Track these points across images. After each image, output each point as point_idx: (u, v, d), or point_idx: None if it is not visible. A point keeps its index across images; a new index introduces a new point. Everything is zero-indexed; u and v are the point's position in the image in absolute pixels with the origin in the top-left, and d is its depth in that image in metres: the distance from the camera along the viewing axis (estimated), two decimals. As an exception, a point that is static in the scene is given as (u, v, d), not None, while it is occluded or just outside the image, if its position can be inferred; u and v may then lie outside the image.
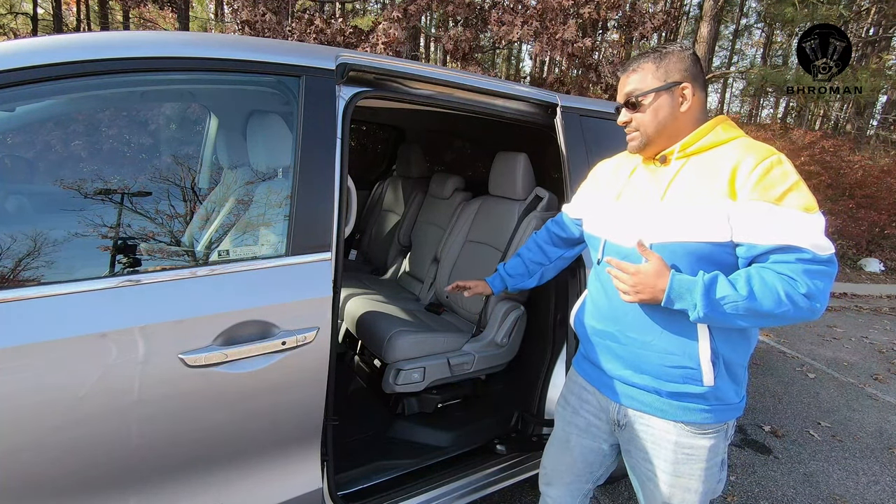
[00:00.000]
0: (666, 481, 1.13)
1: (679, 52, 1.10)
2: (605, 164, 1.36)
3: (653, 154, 1.15)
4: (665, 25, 5.88)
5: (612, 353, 1.17)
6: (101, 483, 1.06)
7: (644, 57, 1.13)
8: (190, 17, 10.92)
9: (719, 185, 1.00)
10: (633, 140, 1.15)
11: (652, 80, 1.10)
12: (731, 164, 1.01)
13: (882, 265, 7.70)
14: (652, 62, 1.11)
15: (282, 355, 1.17)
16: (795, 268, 0.95)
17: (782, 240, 0.94)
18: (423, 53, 12.83)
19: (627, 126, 1.15)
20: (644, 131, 1.12)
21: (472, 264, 2.40)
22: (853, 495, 2.33)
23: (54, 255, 1.05)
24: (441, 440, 1.95)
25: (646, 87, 1.11)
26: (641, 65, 1.12)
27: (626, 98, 1.14)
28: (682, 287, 0.99)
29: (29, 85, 1.00)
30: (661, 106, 1.10)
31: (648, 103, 1.11)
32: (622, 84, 1.16)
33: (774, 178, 0.97)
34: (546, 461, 1.39)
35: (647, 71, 1.11)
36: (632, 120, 1.14)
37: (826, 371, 3.83)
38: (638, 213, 1.12)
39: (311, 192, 1.23)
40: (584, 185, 1.42)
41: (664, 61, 1.10)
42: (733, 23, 18.11)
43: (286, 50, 1.28)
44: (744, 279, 0.96)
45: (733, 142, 1.07)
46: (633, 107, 1.12)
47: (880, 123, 13.32)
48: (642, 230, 1.09)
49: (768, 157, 0.99)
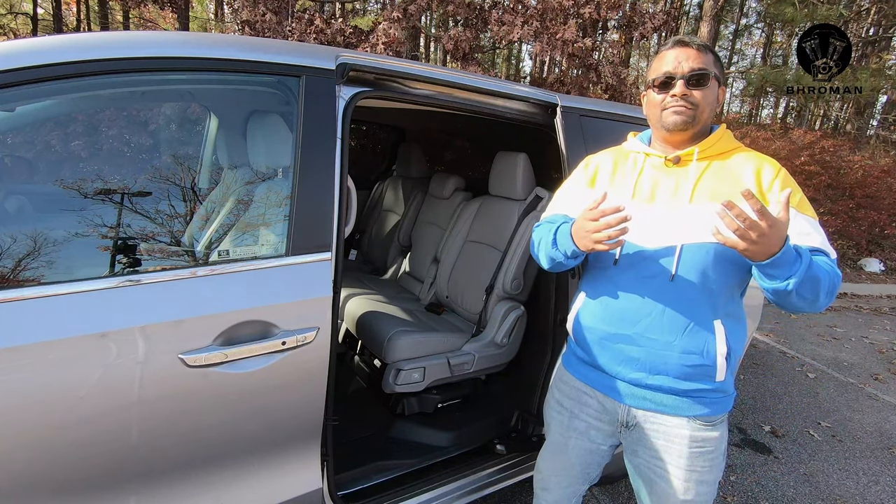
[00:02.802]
0: (681, 477, 1.13)
1: (718, 54, 1.13)
2: (600, 163, 1.28)
3: (678, 142, 1.14)
4: (665, 25, 5.88)
5: (625, 356, 1.14)
6: (101, 483, 1.06)
7: (702, 40, 1.12)
8: (190, 17, 10.91)
9: (747, 187, 1.03)
10: (682, 115, 1.09)
11: (714, 68, 1.10)
12: (753, 169, 1.09)
13: (882, 265, 7.70)
14: (712, 54, 1.11)
15: (282, 355, 1.17)
16: (832, 265, 1.02)
17: (811, 242, 1.03)
18: (423, 53, 12.83)
19: (681, 99, 1.09)
20: (700, 111, 1.09)
21: (472, 264, 2.40)
22: (853, 495, 2.33)
23: (54, 255, 1.05)
24: (441, 440, 1.95)
25: (713, 71, 1.09)
26: (705, 51, 1.10)
27: (693, 71, 1.08)
28: (790, 256, 0.94)
29: (29, 85, 1.00)
30: (713, 96, 1.11)
31: (710, 87, 1.09)
32: (685, 55, 1.09)
33: (791, 185, 1.07)
34: (542, 465, 1.38)
35: (711, 58, 1.10)
36: (690, 95, 1.08)
37: (826, 371, 3.83)
38: (665, 214, 1.11)
39: (311, 192, 1.23)
40: (575, 185, 1.31)
41: (717, 56, 1.12)
42: (733, 23, 18.11)
43: (286, 50, 1.28)
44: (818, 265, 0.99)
45: (739, 148, 1.15)
46: (699, 82, 1.08)
47: (880, 123, 13.32)
48: (672, 232, 1.08)
49: (778, 166, 1.10)
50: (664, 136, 1.16)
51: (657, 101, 1.14)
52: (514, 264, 2.17)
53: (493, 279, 2.23)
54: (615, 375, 1.17)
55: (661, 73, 1.11)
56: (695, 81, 1.08)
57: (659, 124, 1.15)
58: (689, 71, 1.08)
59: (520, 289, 2.20)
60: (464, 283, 2.39)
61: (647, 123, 1.23)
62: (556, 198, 1.35)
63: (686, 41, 1.11)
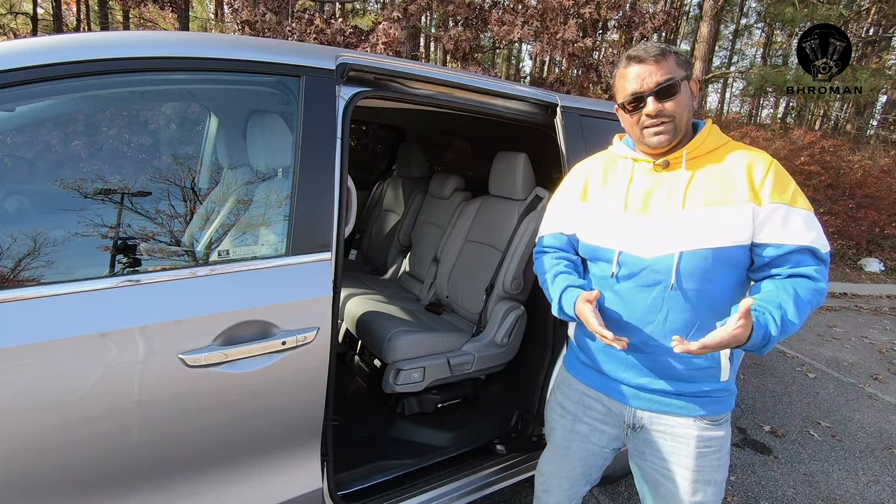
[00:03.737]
0: (689, 478, 1.13)
1: (678, 49, 1.09)
2: (590, 172, 1.26)
3: (663, 152, 1.11)
4: (665, 25, 5.88)
5: (628, 363, 1.14)
6: (101, 483, 1.06)
7: (656, 47, 1.07)
8: (190, 17, 10.91)
9: (739, 189, 1.04)
10: (663, 134, 1.07)
11: (677, 68, 1.05)
12: (744, 167, 1.05)
13: (882, 265, 7.70)
14: (670, 52, 1.06)
15: (282, 355, 1.17)
16: (818, 268, 1.03)
17: (804, 240, 1.01)
18: (423, 53, 12.83)
19: (656, 117, 1.06)
20: (679, 121, 1.06)
21: (472, 264, 2.40)
22: (853, 495, 2.33)
23: (54, 255, 1.05)
24: (441, 440, 1.95)
25: (678, 75, 1.05)
26: (664, 54, 1.05)
27: (659, 85, 1.03)
28: (757, 341, 0.96)
29: (29, 85, 0.99)
30: (686, 97, 1.07)
31: (681, 93, 1.05)
32: (647, 72, 1.04)
33: (783, 180, 1.04)
34: (544, 468, 1.37)
35: (671, 60, 1.05)
36: (664, 109, 1.05)
37: (826, 371, 3.83)
38: (659, 223, 1.09)
39: (311, 192, 1.23)
40: (567, 198, 1.29)
41: (676, 54, 1.07)
42: (733, 23, 18.12)
43: (286, 50, 1.28)
44: (793, 308, 0.98)
45: (728, 145, 1.11)
46: (669, 94, 1.04)
47: (880, 123, 13.31)
48: (669, 240, 1.07)
49: (769, 159, 1.06)
50: (648, 150, 1.14)
51: (633, 121, 1.10)
52: (513, 264, 2.17)
53: (493, 279, 2.23)
54: (620, 380, 1.17)
55: (628, 93, 1.07)
56: (664, 93, 1.04)
57: (642, 142, 1.12)
58: (656, 85, 1.04)
59: (520, 289, 2.20)
60: (464, 283, 2.39)
61: None
62: (550, 212, 1.33)
63: (640, 56, 1.06)
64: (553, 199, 1.35)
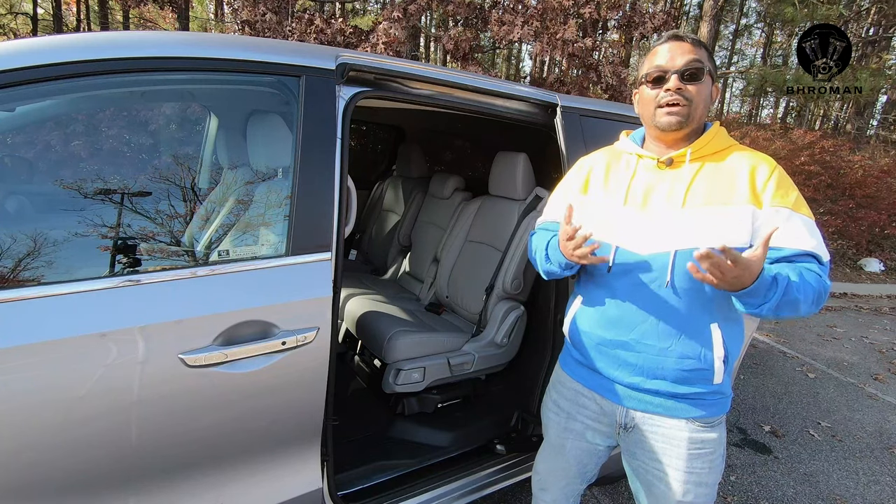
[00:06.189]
0: (679, 479, 1.12)
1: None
2: (593, 165, 1.26)
3: (671, 141, 1.12)
4: (665, 25, 5.87)
5: (622, 362, 1.14)
6: (100, 483, 1.06)
7: (696, 37, 1.09)
8: (190, 17, 10.91)
9: (741, 190, 1.04)
10: (676, 115, 1.06)
11: (708, 63, 1.07)
12: (748, 169, 1.05)
13: (882, 265, 7.70)
14: (705, 49, 1.08)
15: (282, 355, 1.17)
16: (821, 268, 1.02)
17: (806, 245, 1.01)
18: (423, 53, 12.84)
19: (675, 95, 1.05)
20: (695, 107, 1.06)
21: (472, 264, 2.40)
22: (853, 495, 2.33)
23: (54, 255, 1.05)
24: (441, 440, 1.95)
25: (708, 66, 1.07)
26: (701, 44, 1.07)
27: (687, 66, 1.04)
28: (763, 287, 0.95)
29: (29, 85, 1.00)
30: (707, 91, 1.08)
31: (704, 82, 1.06)
32: (679, 49, 1.05)
33: (787, 185, 1.05)
34: (540, 466, 1.38)
35: (705, 53, 1.07)
36: (684, 90, 1.05)
37: (826, 371, 3.83)
38: (658, 220, 1.08)
39: (310, 192, 1.23)
40: (569, 189, 1.29)
41: (711, 56, 1.09)
42: (733, 23, 18.12)
43: (286, 50, 1.28)
44: (798, 280, 0.96)
45: (733, 147, 1.12)
46: (694, 77, 1.05)
47: (880, 123, 13.32)
48: (666, 238, 1.06)
49: (774, 164, 1.07)
50: (657, 134, 1.13)
51: (650, 98, 1.10)
52: (514, 264, 2.17)
53: (493, 279, 2.23)
54: (613, 379, 1.17)
55: (654, 67, 1.08)
56: (689, 75, 1.05)
57: (652, 122, 1.12)
58: (684, 65, 1.05)
59: (520, 289, 2.20)
60: (464, 283, 2.39)
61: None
62: (551, 203, 1.34)
63: (680, 35, 1.08)
64: (555, 191, 1.36)
